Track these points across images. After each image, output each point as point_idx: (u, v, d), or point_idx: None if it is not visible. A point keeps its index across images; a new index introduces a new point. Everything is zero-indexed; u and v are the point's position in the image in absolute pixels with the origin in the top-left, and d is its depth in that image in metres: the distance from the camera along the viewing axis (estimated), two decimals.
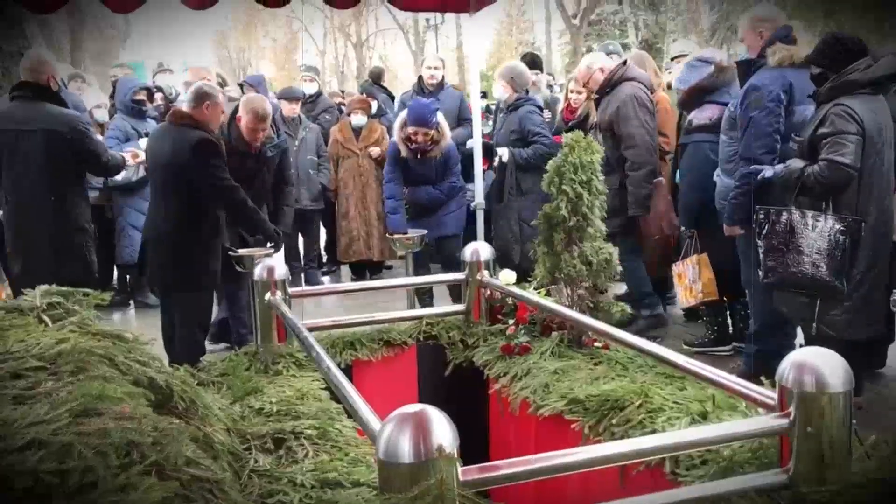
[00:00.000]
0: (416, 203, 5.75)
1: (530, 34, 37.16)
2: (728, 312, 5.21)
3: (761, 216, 3.96)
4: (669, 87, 5.79)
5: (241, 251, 4.68)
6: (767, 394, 1.77)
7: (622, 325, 2.77)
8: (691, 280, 4.89)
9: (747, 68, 4.49)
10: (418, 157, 5.54)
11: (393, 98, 8.87)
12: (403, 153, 5.57)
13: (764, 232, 3.94)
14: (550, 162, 2.91)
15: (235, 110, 4.95)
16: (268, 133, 5.04)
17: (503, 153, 5.82)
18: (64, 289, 2.07)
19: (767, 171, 4.07)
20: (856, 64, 3.76)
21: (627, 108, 5.10)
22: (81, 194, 4.79)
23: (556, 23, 32.32)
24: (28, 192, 4.53)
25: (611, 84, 5.25)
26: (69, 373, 1.57)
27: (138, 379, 1.68)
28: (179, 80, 8.62)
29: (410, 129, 5.47)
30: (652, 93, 5.49)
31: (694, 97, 4.95)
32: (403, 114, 5.64)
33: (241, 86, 7.80)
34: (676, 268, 5.07)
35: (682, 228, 4.96)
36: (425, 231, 5.32)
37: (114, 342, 1.81)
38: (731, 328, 5.23)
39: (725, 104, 4.78)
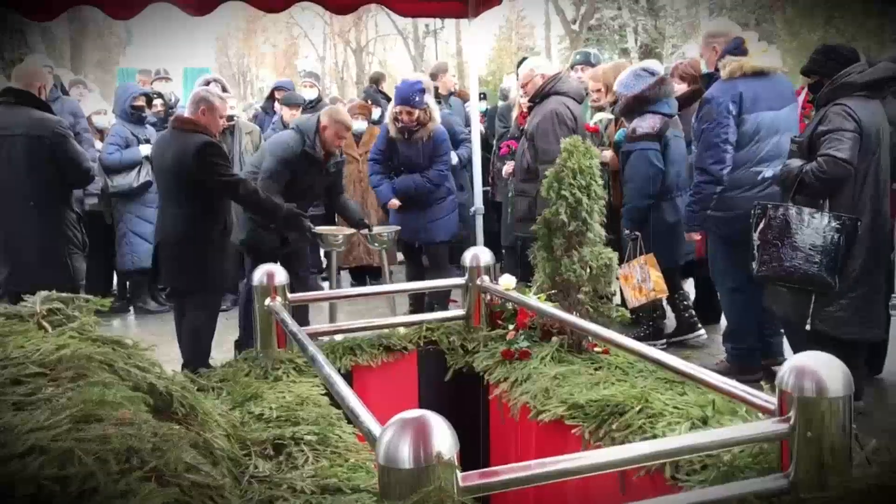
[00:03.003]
0: (404, 193, 5.85)
1: (530, 39, 37.21)
2: (678, 302, 5.45)
3: (758, 211, 4.05)
4: None
5: (323, 228, 4.87)
6: (768, 398, 1.77)
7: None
8: (640, 280, 5.02)
9: (708, 81, 4.80)
10: (406, 136, 5.70)
11: None
12: (392, 133, 5.77)
13: (760, 227, 4.02)
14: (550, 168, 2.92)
15: (318, 120, 5.01)
16: None
17: (453, 156, 6.17)
18: (64, 295, 2.07)
19: (767, 172, 4.24)
20: (852, 67, 3.88)
21: (547, 124, 5.26)
22: (65, 201, 4.80)
23: (555, 28, 32.39)
24: (10, 197, 4.54)
25: (541, 95, 5.40)
26: (69, 379, 1.57)
27: (138, 385, 1.68)
28: (178, 87, 8.64)
29: (396, 109, 5.67)
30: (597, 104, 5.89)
31: (635, 106, 5.12)
32: None
33: (274, 90, 8.03)
34: (622, 270, 5.14)
35: (627, 231, 5.10)
36: (398, 227, 5.50)
37: (113, 348, 1.81)
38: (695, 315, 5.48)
39: (664, 114, 5.09)
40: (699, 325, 5.44)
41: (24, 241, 4.55)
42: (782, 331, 4.70)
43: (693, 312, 5.47)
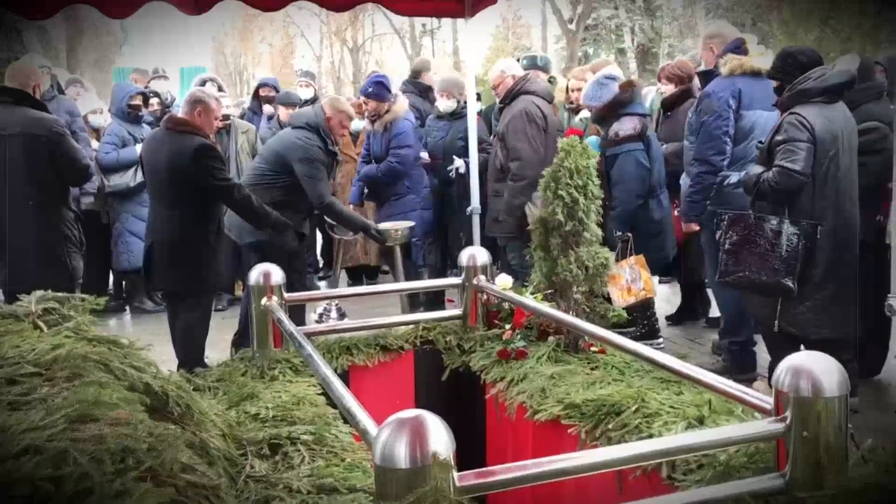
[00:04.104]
0: (364, 181, 6.20)
1: (526, 39, 37.19)
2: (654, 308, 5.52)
3: (721, 219, 4.15)
4: None
5: (384, 225, 5.23)
6: (764, 398, 1.77)
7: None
8: (629, 280, 5.06)
9: (705, 79, 4.96)
10: (373, 127, 6.08)
11: None
12: (366, 124, 6.25)
13: (722, 234, 4.11)
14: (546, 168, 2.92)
15: (324, 112, 5.07)
16: None
17: (460, 164, 6.02)
18: (59, 294, 2.06)
19: (733, 177, 4.34)
20: (809, 73, 3.96)
21: (517, 123, 5.34)
22: (63, 200, 4.78)
23: (552, 28, 32.40)
24: (8, 197, 4.52)
25: (510, 96, 5.46)
26: (65, 378, 1.57)
27: (134, 384, 1.67)
28: (175, 86, 8.60)
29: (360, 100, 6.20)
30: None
31: (611, 112, 5.17)
32: None
33: (258, 88, 7.99)
34: (609, 271, 5.16)
35: (619, 233, 5.14)
36: (413, 223, 5.57)
37: (109, 348, 1.80)
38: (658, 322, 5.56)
39: (640, 114, 5.18)
40: (660, 334, 5.52)
41: (23, 240, 4.54)
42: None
43: (657, 318, 5.56)
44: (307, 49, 41.37)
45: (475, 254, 3.20)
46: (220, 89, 7.36)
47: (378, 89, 5.94)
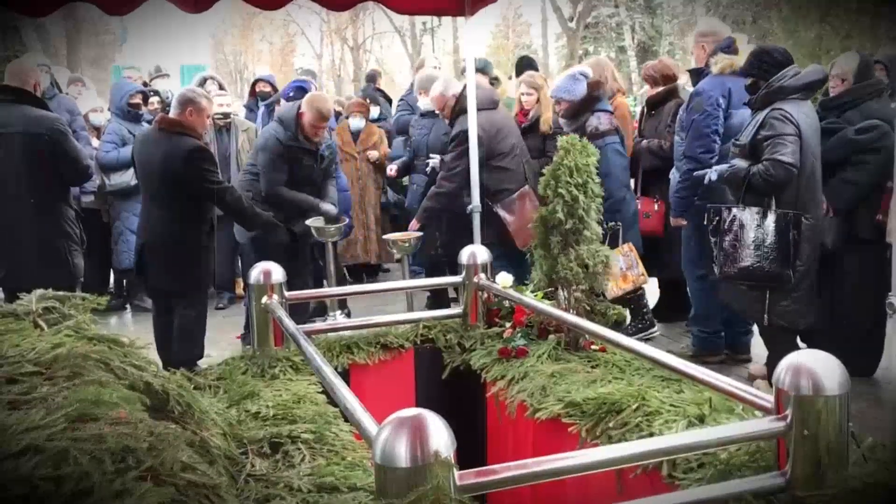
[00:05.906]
0: None
1: (527, 37, 37.22)
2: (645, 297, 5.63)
3: (712, 214, 4.21)
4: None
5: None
6: (764, 396, 1.77)
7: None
8: (624, 268, 5.14)
9: (697, 77, 5.08)
10: None
11: (390, 101, 8.85)
12: None
13: (715, 229, 4.17)
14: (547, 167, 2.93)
15: (298, 108, 5.09)
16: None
17: (436, 161, 5.96)
18: (60, 293, 2.06)
19: (713, 174, 4.38)
20: (785, 71, 4.04)
21: (454, 139, 5.40)
22: (64, 198, 4.77)
23: (552, 26, 32.43)
24: (9, 195, 4.52)
25: (454, 115, 5.45)
26: (65, 378, 1.56)
27: (134, 383, 1.67)
28: (175, 84, 8.58)
29: None
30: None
31: (586, 108, 5.30)
32: None
33: (255, 83, 7.99)
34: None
35: (612, 223, 5.17)
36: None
37: (110, 346, 1.80)
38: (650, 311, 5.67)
39: (609, 111, 5.38)
40: (655, 322, 5.62)
41: (24, 238, 4.53)
42: (750, 329, 4.95)
43: (649, 308, 5.66)
44: (307, 47, 41.37)
45: (475, 252, 3.19)
46: (220, 87, 7.36)
47: (296, 94, 6.02)
